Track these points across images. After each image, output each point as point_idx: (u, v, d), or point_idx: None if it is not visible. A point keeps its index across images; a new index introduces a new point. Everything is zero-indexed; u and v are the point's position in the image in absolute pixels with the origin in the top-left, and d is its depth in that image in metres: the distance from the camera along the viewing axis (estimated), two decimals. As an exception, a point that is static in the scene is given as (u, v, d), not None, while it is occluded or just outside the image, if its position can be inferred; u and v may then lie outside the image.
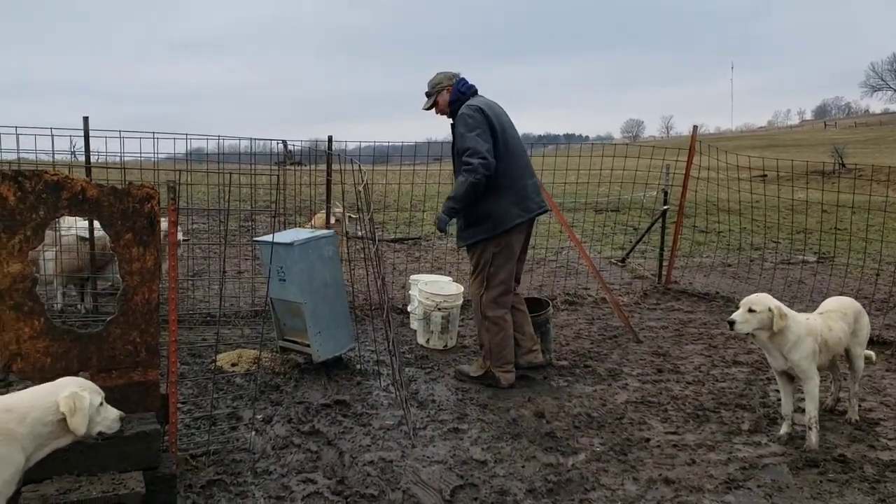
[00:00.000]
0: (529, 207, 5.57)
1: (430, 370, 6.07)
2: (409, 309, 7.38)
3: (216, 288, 8.36)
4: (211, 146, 7.96)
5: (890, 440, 4.69)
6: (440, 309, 6.56)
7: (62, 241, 6.84)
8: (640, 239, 10.80)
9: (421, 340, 6.77)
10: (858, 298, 5.78)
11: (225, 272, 5.39)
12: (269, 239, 5.55)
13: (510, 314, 5.67)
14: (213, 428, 4.68)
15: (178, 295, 3.98)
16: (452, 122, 5.60)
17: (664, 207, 9.57)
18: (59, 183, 3.66)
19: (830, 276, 9.49)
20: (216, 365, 5.82)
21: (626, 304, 8.36)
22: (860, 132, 70.98)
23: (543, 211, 5.76)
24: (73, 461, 3.43)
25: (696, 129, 9.36)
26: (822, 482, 4.12)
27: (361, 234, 5.64)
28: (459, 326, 6.98)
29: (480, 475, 4.19)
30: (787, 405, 4.73)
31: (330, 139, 7.93)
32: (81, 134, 6.70)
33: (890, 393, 5.58)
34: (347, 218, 8.21)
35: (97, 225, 6.45)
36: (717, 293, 8.94)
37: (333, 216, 6.08)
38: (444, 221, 5.50)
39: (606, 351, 6.65)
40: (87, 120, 6.69)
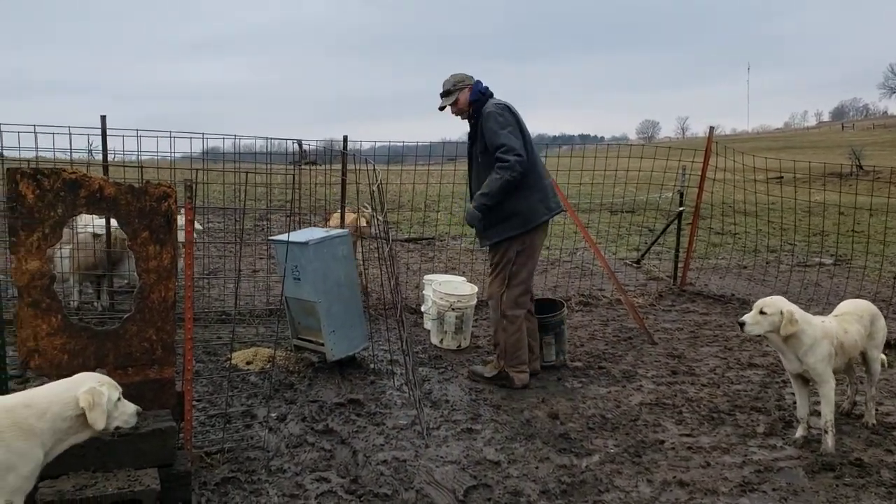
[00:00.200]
0: (551, 206, 5.62)
1: (443, 370, 6.07)
2: (422, 309, 7.38)
3: (231, 286, 8.39)
4: (227, 145, 7.99)
5: (907, 445, 4.65)
6: (454, 309, 6.56)
7: (73, 237, 6.89)
8: (655, 240, 10.75)
9: (434, 340, 6.78)
10: (875, 302, 5.74)
11: (240, 271, 5.41)
12: (284, 238, 5.57)
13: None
14: (227, 426, 4.71)
15: (193, 293, 4.00)
16: (471, 121, 5.59)
17: (680, 209, 9.53)
18: (77, 181, 3.69)
19: (847, 278, 9.41)
20: (231, 363, 5.85)
21: (640, 305, 8.33)
22: (878, 134, 70.30)
23: (560, 210, 5.77)
24: (89, 457, 3.46)
25: (712, 130, 9.31)
26: (838, 486, 4.09)
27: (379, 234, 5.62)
28: (473, 327, 6.98)
29: (494, 476, 4.19)
30: (802, 408, 4.69)
31: (345, 139, 7.94)
32: (99, 133, 6.75)
33: (907, 397, 5.52)
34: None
35: (113, 222, 6.51)
36: (732, 295, 8.89)
37: (363, 218, 6.06)
38: (476, 218, 5.47)
39: (621, 352, 6.63)
40: (104, 119, 6.73)
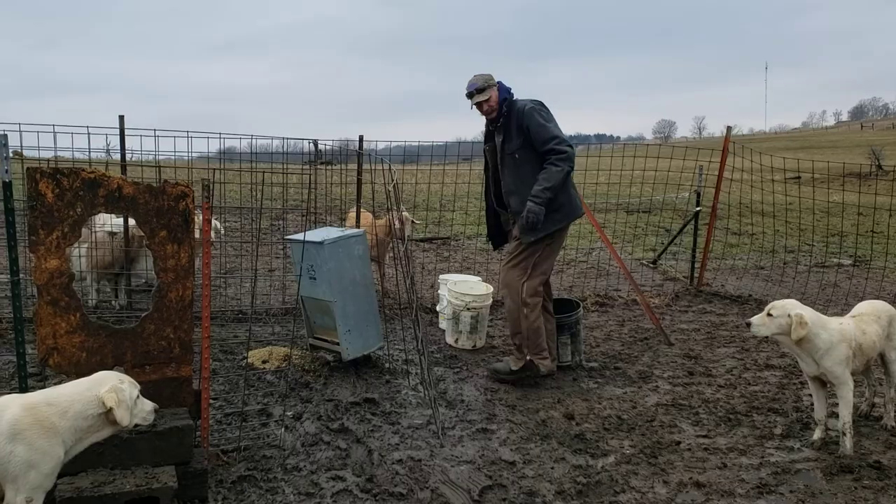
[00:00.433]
0: (579, 201, 5.77)
1: (458, 370, 6.07)
2: (437, 308, 7.39)
3: (248, 285, 8.44)
4: (243, 145, 8.04)
5: (927, 447, 4.60)
6: (469, 309, 6.56)
7: (91, 236, 6.94)
8: (671, 240, 10.70)
9: (450, 340, 6.78)
10: (894, 303, 5.67)
11: (256, 270, 5.44)
12: (299, 237, 5.60)
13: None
14: (243, 424, 4.73)
15: (210, 292, 4.02)
16: (498, 121, 5.59)
17: (696, 209, 9.47)
18: (96, 180, 3.73)
19: (867, 279, 9.33)
20: (247, 362, 5.88)
21: (657, 306, 8.29)
22: (898, 134, 69.52)
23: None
24: (107, 455, 3.49)
25: (729, 129, 9.26)
26: (856, 488, 4.05)
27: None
28: (488, 327, 6.97)
29: (509, 476, 4.18)
30: (820, 410, 4.65)
31: (361, 139, 7.96)
32: (117, 132, 6.80)
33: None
34: (411, 223, 8.18)
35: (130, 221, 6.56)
36: (749, 296, 8.82)
37: (398, 220, 6.09)
38: (541, 213, 5.41)
39: (637, 353, 6.60)
40: (122, 118, 6.79)
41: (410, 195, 13.94)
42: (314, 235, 5.81)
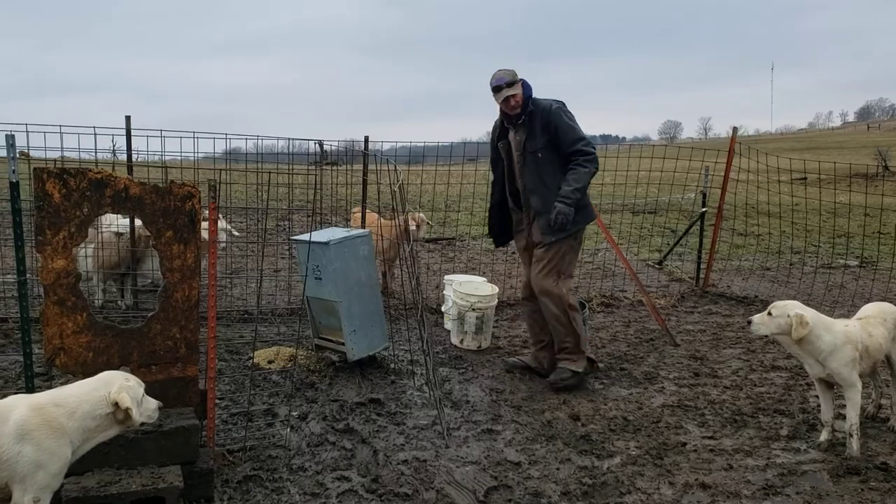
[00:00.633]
0: None
1: (464, 371, 6.07)
2: (443, 309, 7.38)
3: (254, 286, 8.45)
4: (249, 146, 8.06)
5: (935, 449, 4.58)
6: (474, 309, 6.56)
7: (97, 236, 6.96)
8: (677, 241, 10.67)
9: (455, 341, 6.77)
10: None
11: (262, 270, 5.45)
12: (305, 238, 5.60)
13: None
14: (249, 424, 4.74)
15: (216, 292, 4.03)
16: (519, 118, 5.55)
17: (702, 210, 9.45)
18: (102, 181, 3.74)
19: (873, 280, 9.30)
20: (253, 362, 5.88)
21: (662, 306, 8.28)
22: (905, 134, 69.36)
23: None
24: (113, 455, 3.50)
25: (735, 130, 9.23)
26: (863, 490, 4.04)
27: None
28: (493, 328, 6.97)
29: (514, 476, 4.18)
30: (826, 411, 4.64)
31: (366, 139, 7.96)
32: (123, 133, 6.81)
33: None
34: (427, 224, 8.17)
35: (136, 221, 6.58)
36: (755, 297, 8.80)
37: (413, 221, 6.03)
38: (571, 214, 5.38)
39: (643, 354, 6.59)
40: (129, 119, 6.80)
41: (416, 196, 13.94)
42: (320, 236, 5.81)
